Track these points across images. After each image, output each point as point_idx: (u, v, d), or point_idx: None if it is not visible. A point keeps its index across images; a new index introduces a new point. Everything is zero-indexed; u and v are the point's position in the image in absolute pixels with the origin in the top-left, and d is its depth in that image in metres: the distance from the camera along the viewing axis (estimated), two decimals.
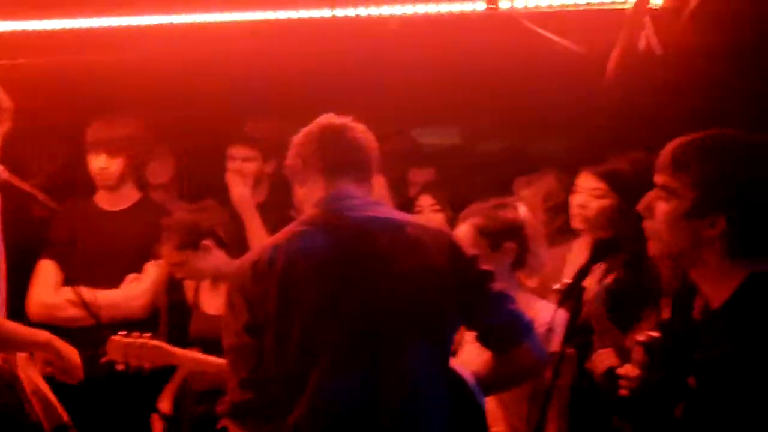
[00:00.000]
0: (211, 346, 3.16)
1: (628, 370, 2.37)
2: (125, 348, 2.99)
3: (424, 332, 2.25)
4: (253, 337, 2.20)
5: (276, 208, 3.83)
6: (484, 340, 2.38)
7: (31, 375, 2.54)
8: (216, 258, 3.34)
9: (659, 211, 1.84)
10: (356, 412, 2.17)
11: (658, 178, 1.84)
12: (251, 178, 3.80)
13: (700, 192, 1.76)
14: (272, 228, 3.64)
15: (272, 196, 3.94)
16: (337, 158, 2.33)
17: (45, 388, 2.59)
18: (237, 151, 3.84)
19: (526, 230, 2.93)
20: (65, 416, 2.71)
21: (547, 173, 3.69)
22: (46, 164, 4.01)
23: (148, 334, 3.05)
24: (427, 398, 2.22)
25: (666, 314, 2.66)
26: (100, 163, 3.67)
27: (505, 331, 2.33)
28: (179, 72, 3.95)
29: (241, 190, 3.71)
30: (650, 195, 1.89)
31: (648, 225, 1.90)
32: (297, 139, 2.41)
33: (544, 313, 2.69)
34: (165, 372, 3.28)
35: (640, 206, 1.93)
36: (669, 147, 1.85)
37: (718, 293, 1.75)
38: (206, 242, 3.32)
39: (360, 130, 2.38)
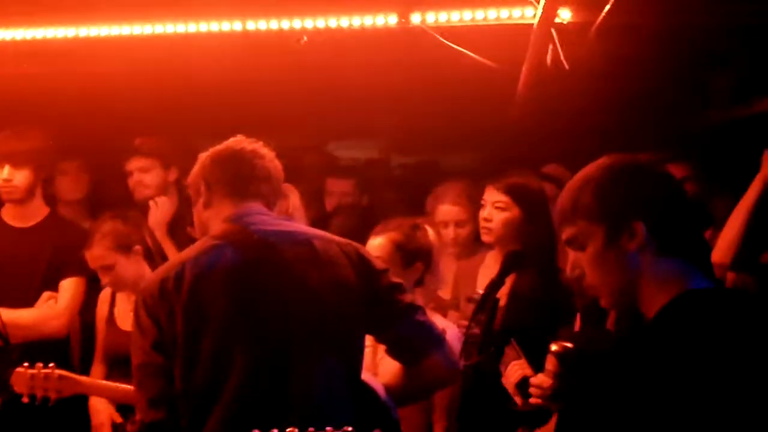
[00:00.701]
0: (125, 362, 3.10)
1: (542, 379, 2.38)
2: (30, 379, 2.89)
3: (332, 345, 2.21)
4: (161, 355, 2.15)
5: (186, 222, 3.77)
6: (393, 352, 2.36)
7: None
8: (141, 267, 3.30)
9: (582, 261, 1.74)
10: (266, 426, 2.12)
11: (564, 235, 1.76)
12: (153, 188, 3.77)
13: (606, 222, 1.68)
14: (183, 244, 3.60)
15: (183, 206, 3.80)
16: (245, 186, 2.32)
17: None
18: (133, 163, 3.81)
19: (433, 253, 2.99)
20: None
21: (454, 185, 3.69)
22: None
23: (52, 364, 2.94)
24: (334, 411, 2.17)
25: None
26: (3, 175, 3.52)
27: (413, 342, 2.30)
28: (84, 87, 3.87)
29: (154, 215, 3.71)
30: (570, 256, 1.81)
31: (586, 281, 1.78)
32: (205, 159, 2.38)
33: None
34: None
35: (569, 271, 1.85)
36: (558, 205, 1.78)
37: (651, 305, 1.72)
38: (137, 248, 3.29)
39: (269, 158, 2.37)
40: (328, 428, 1.75)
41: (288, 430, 1.79)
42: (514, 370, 2.60)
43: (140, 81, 3.80)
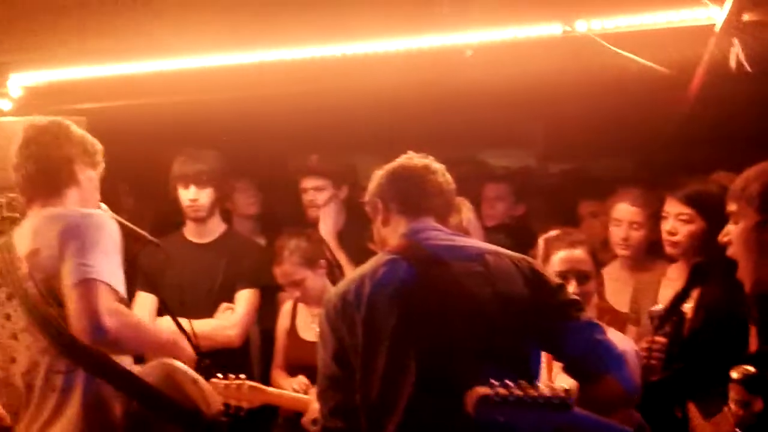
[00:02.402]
0: (309, 372, 3.14)
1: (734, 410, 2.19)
2: (224, 390, 2.99)
3: (501, 360, 2.14)
4: (341, 367, 2.19)
5: (354, 235, 3.81)
6: (569, 370, 2.27)
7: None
8: (325, 281, 3.40)
9: (733, 233, 2.12)
10: None
11: (728, 207, 2.14)
12: (325, 205, 3.85)
13: (761, 212, 2.05)
14: (353, 255, 3.62)
15: (350, 223, 3.94)
16: (418, 202, 2.34)
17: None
18: (308, 182, 3.88)
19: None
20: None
21: (621, 197, 3.53)
22: (134, 200, 4.02)
23: (243, 376, 3.06)
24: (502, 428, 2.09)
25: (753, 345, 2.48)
26: (189, 195, 3.67)
27: (589, 361, 2.20)
28: (253, 110, 3.96)
29: (325, 226, 3.80)
30: (727, 226, 2.15)
31: (729, 251, 2.15)
32: (378, 177, 2.41)
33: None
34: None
35: (721, 237, 2.18)
36: (736, 181, 2.14)
37: None
38: (322, 262, 3.39)
39: (440, 173, 2.38)
40: None
41: None
42: None
43: (304, 102, 3.85)
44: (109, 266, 2.37)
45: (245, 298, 3.63)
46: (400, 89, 3.72)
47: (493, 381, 1.82)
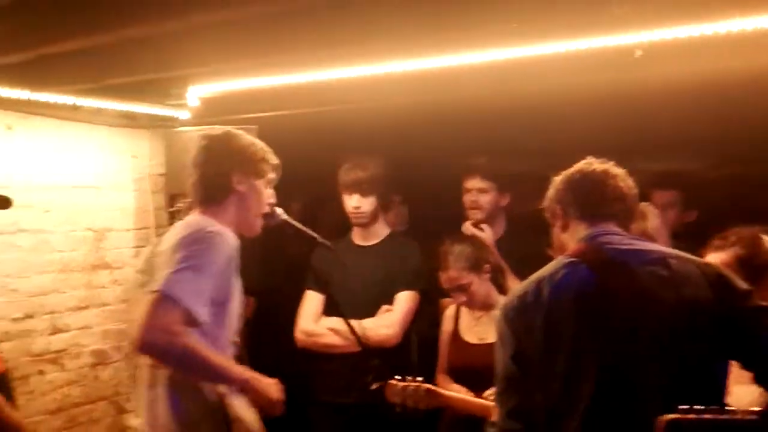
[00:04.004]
0: (469, 375, 3.15)
1: None
2: (402, 391, 3.01)
3: (683, 367, 2.06)
4: (519, 367, 2.16)
5: (513, 241, 3.77)
6: (761, 380, 2.12)
7: (240, 410, 2.55)
8: (490, 286, 3.37)
9: None
10: None
11: None
12: (486, 211, 3.80)
13: None
14: (512, 262, 3.55)
15: (510, 229, 3.89)
16: (598, 207, 2.28)
17: (251, 423, 2.59)
18: (473, 183, 3.82)
19: None
20: None
21: None
22: (302, 206, 4.12)
23: (420, 378, 3.06)
24: None
25: None
26: (353, 202, 3.76)
27: None
28: (411, 115, 3.95)
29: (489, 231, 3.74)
30: None
31: None
32: (558, 183, 2.37)
33: None
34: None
35: None
36: None
37: None
38: (486, 266, 3.36)
39: (621, 178, 2.31)
40: None
41: None
42: None
43: (468, 108, 3.81)
44: (192, 285, 2.37)
45: (404, 299, 3.67)
46: (562, 94, 3.62)
47: (681, 407, 1.75)
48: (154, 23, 2.87)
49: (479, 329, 3.35)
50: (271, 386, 2.61)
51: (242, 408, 2.54)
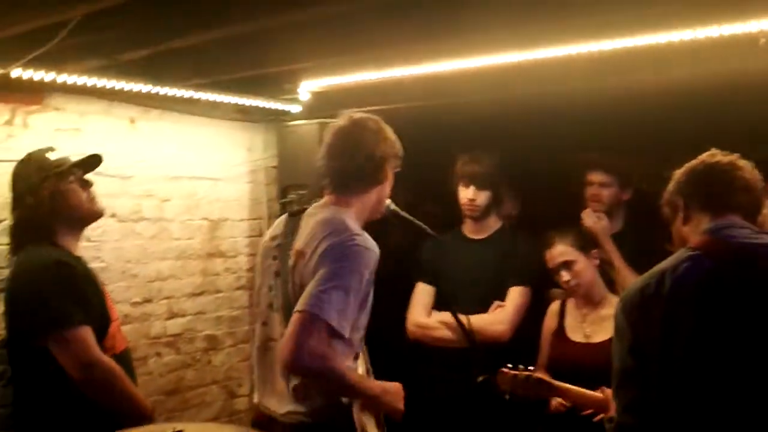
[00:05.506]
0: (570, 372, 3.07)
1: None
2: (512, 380, 2.96)
3: None
4: (637, 361, 2.09)
5: (632, 236, 3.65)
6: None
7: (365, 414, 2.53)
8: (596, 274, 3.29)
9: None
10: None
11: None
12: (606, 205, 3.70)
13: None
14: (630, 258, 3.42)
15: (628, 223, 3.77)
16: (722, 199, 2.19)
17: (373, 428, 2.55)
18: (595, 176, 3.74)
19: None
20: None
21: None
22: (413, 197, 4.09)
23: (532, 368, 3.01)
24: None
25: None
26: (468, 195, 3.71)
27: None
28: (525, 108, 3.85)
29: (601, 225, 3.63)
30: None
31: None
32: (680, 174, 2.29)
33: None
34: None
35: None
36: None
37: None
38: (594, 252, 3.31)
39: (747, 169, 2.21)
40: None
41: None
42: None
43: (587, 100, 3.68)
44: (338, 304, 2.32)
45: (516, 295, 3.60)
46: (684, 85, 3.44)
47: None
48: (266, 19, 2.89)
49: (585, 327, 3.24)
50: (400, 396, 2.58)
51: (369, 417, 2.53)
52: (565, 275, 3.25)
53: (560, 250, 3.26)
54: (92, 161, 3.04)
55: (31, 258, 2.83)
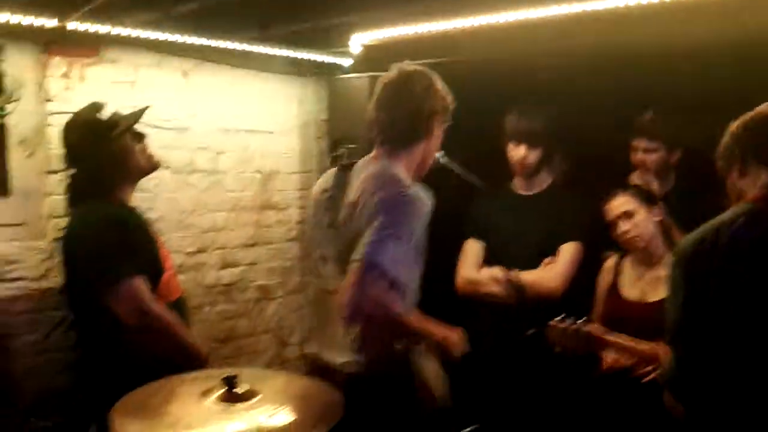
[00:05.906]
0: (626, 331, 2.98)
1: None
2: (561, 333, 2.92)
3: None
4: (691, 316, 2.05)
5: (683, 197, 3.54)
6: None
7: (424, 362, 2.56)
8: (656, 232, 3.19)
9: None
10: None
11: None
12: (654, 170, 3.62)
13: None
14: (680, 217, 3.34)
15: (679, 184, 3.67)
16: None
17: (433, 374, 2.59)
18: (639, 143, 3.66)
19: None
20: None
21: None
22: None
23: (582, 320, 2.94)
24: None
25: None
26: (520, 152, 3.62)
27: None
28: (583, 61, 3.74)
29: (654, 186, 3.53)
30: None
31: None
32: (735, 127, 2.20)
33: None
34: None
35: None
36: None
37: None
38: (658, 209, 3.21)
39: None
40: None
41: None
42: None
43: (636, 54, 3.56)
44: (394, 253, 2.35)
45: (568, 251, 3.53)
46: (738, 38, 3.30)
47: None
48: None
49: (641, 286, 3.17)
50: (461, 341, 2.62)
51: (428, 364, 2.56)
52: (623, 225, 3.15)
53: (621, 200, 3.17)
54: (141, 114, 3.07)
55: (88, 215, 2.90)
